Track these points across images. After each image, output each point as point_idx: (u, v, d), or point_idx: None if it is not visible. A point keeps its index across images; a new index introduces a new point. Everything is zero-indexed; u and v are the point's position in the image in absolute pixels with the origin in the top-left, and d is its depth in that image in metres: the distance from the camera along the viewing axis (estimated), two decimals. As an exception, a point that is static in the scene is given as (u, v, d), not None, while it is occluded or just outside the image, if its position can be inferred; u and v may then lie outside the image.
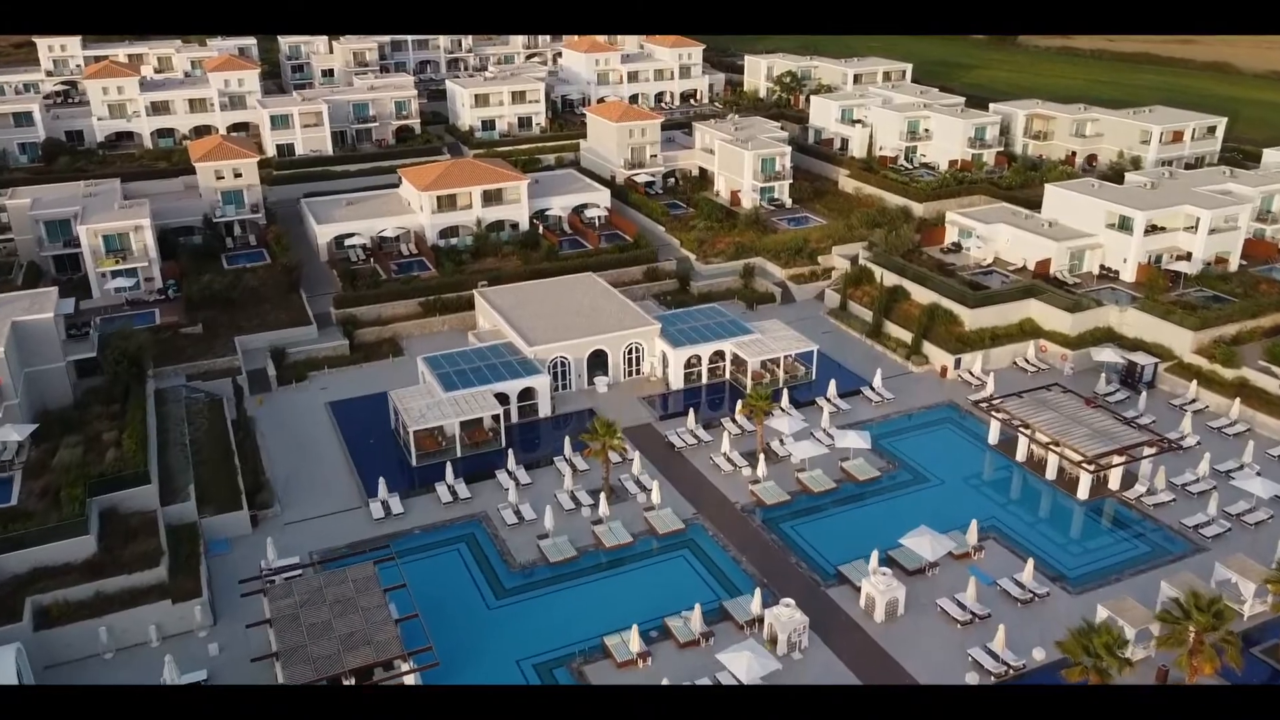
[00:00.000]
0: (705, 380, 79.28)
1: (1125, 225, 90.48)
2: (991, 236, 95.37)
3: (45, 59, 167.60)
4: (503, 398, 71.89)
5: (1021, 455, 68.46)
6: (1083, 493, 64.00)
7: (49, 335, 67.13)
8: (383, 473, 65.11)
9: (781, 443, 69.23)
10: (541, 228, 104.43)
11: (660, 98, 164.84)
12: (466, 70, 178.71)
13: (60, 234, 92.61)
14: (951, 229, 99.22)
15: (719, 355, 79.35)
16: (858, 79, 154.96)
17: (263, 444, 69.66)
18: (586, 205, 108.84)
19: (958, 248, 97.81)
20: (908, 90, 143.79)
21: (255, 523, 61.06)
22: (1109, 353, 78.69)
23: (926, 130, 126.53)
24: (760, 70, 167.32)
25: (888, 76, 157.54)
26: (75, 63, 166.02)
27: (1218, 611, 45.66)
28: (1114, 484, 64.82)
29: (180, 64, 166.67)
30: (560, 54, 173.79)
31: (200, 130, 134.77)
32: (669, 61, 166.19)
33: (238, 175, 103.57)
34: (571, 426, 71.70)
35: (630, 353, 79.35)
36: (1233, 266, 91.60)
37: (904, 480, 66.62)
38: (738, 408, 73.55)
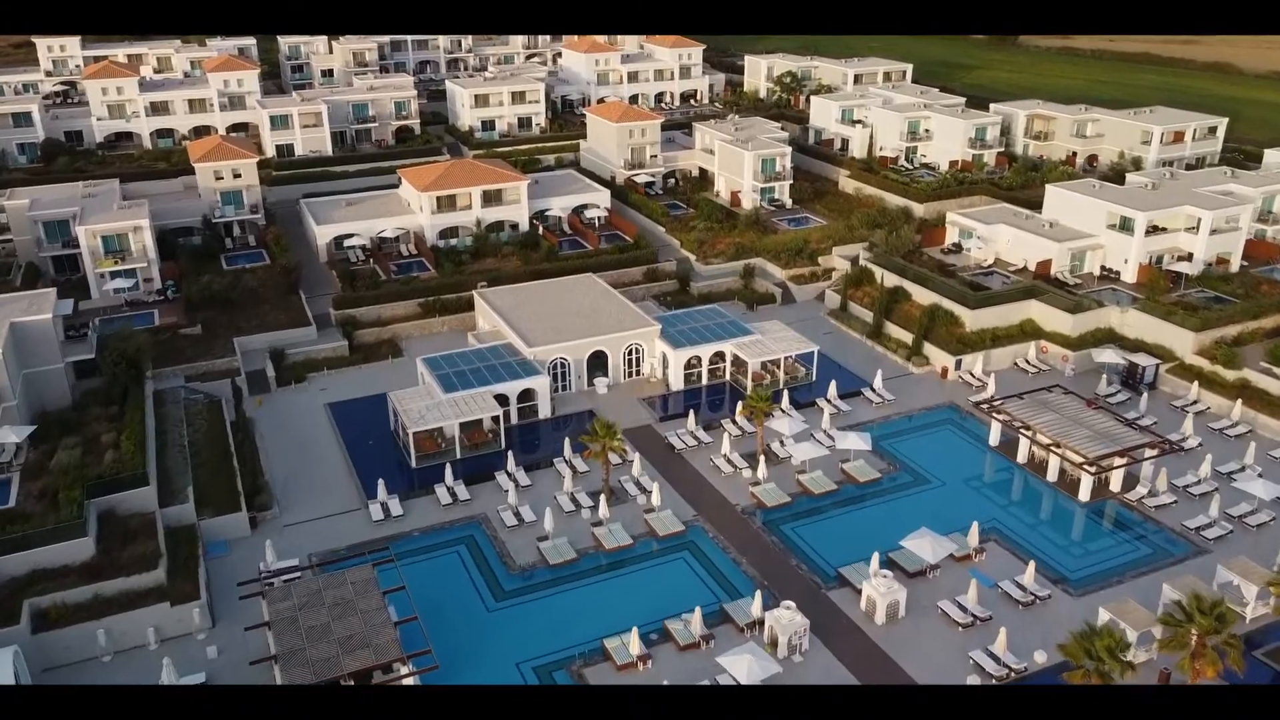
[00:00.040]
0: (705, 381, 79.13)
1: (1126, 226, 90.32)
2: (992, 237, 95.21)
3: (44, 59, 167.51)
4: (502, 399, 71.72)
5: (1022, 457, 68.30)
6: (1084, 494, 63.82)
7: (47, 336, 66.96)
8: (382, 474, 64.93)
9: (782, 444, 69.11)
10: (541, 228, 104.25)
11: (660, 98, 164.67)
12: (466, 70, 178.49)
13: (59, 234, 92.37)
14: (952, 230, 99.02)
15: (719, 356, 79.20)
16: (858, 79, 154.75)
17: (262, 445, 69.51)
18: (586, 206, 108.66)
19: (958, 248, 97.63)
20: (908, 90, 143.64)
21: (254, 524, 60.87)
22: (1110, 354, 78.48)
23: (927, 131, 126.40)
24: (760, 70, 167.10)
25: (888, 77, 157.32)
26: (74, 63, 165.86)
27: (1220, 614, 45.48)
28: (1115, 486, 64.62)
29: (179, 64, 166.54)
30: (560, 54, 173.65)
31: (199, 131, 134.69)
32: (669, 62, 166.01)
33: (237, 176, 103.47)
34: (571, 428, 71.55)
35: (630, 354, 79.19)
36: (1234, 267, 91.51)
37: (905, 482, 66.45)
38: (738, 409, 73.36)
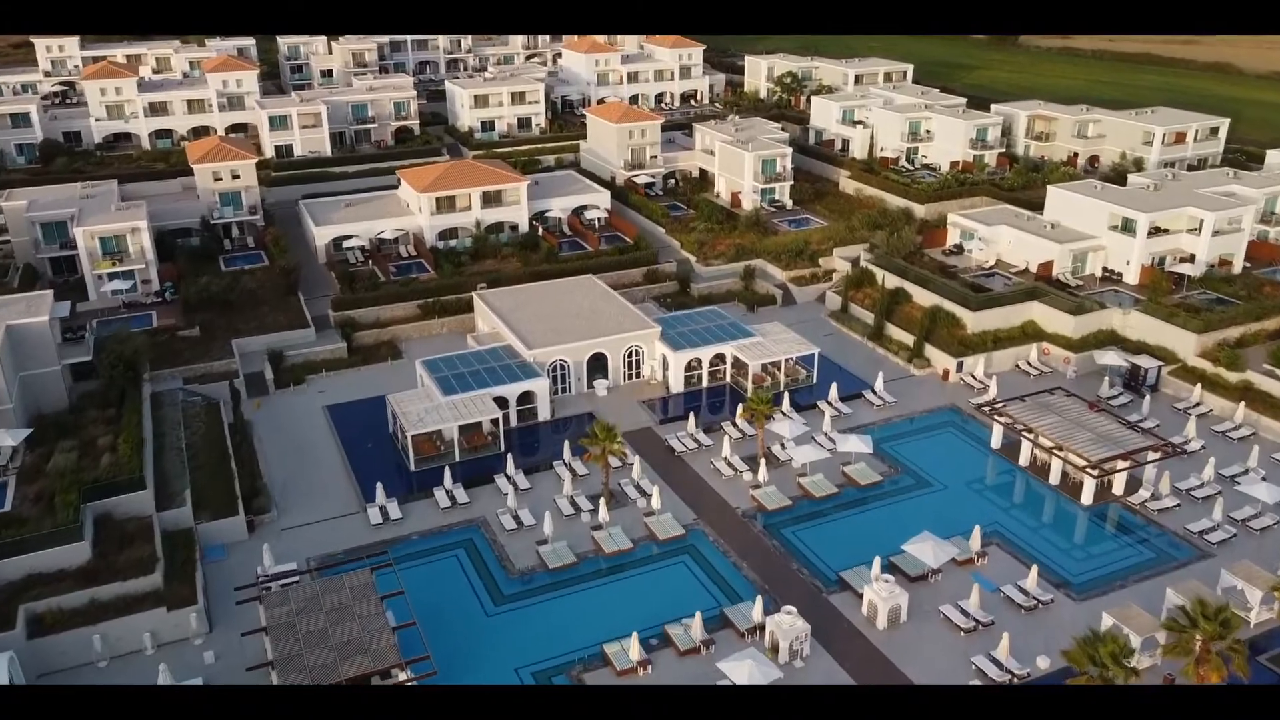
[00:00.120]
0: (706, 383, 78.75)
1: (1128, 227, 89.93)
2: (993, 238, 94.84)
3: (43, 59, 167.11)
4: (502, 401, 71.36)
5: (1024, 460, 67.92)
6: (1086, 498, 63.46)
7: (44, 339, 66.56)
8: (381, 477, 64.54)
9: (783, 447, 68.74)
10: (541, 229, 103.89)
11: (660, 98, 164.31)
12: (466, 71, 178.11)
13: (57, 236, 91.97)
14: (953, 231, 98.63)
15: (719, 358, 78.83)
16: (858, 80, 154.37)
17: (260, 448, 69.13)
18: (586, 207, 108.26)
19: (959, 250, 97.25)
20: (909, 91, 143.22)
21: (252, 528, 60.47)
22: (1112, 356, 78.07)
23: (928, 131, 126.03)
24: (761, 71, 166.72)
25: (889, 77, 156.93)
26: (73, 63, 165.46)
27: (1225, 620, 45.07)
28: (1118, 489, 64.29)
29: (178, 64, 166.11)
30: (560, 54, 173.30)
31: (198, 131, 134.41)
32: (669, 62, 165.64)
33: (236, 177, 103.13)
34: (571, 430, 71.18)
35: (630, 356, 78.83)
36: (1236, 269, 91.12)
37: (906, 485, 66.08)
38: (738, 411, 73.11)
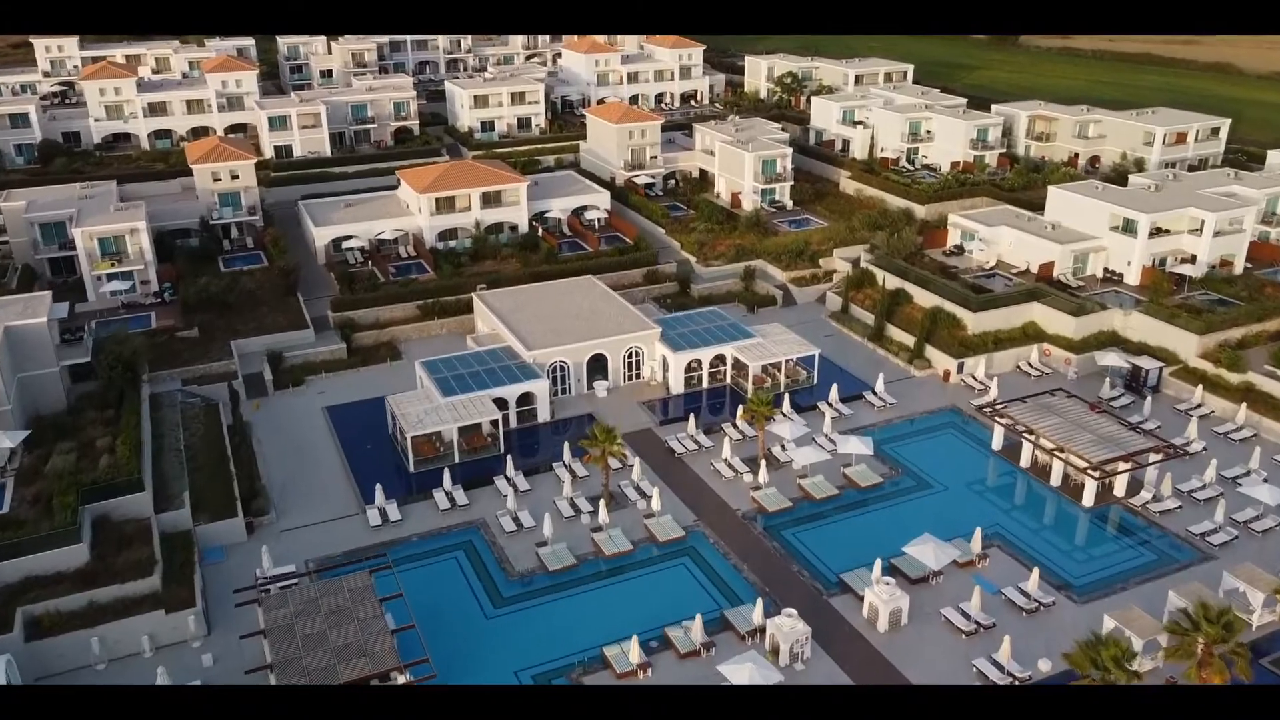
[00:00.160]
0: (706, 385, 78.56)
1: (1129, 228, 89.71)
2: (994, 239, 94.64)
3: (42, 59, 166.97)
4: (501, 403, 71.17)
5: (1025, 461, 67.72)
6: (1088, 499, 63.26)
7: (42, 340, 66.33)
8: (380, 479, 64.33)
9: (783, 448, 68.53)
10: (541, 230, 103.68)
11: (660, 99, 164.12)
12: (466, 71, 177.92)
13: (56, 236, 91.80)
14: (954, 231, 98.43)
15: (720, 359, 78.65)
16: (859, 80, 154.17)
17: (259, 449, 68.94)
18: (586, 207, 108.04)
19: (960, 250, 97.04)
20: (909, 91, 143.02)
21: (251, 530, 60.31)
22: (1113, 357, 77.84)
23: (928, 132, 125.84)
24: (761, 71, 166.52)
25: (889, 77, 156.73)
26: (72, 63, 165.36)
27: (1227, 623, 44.83)
28: (1119, 490, 64.11)
29: (178, 65, 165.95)
30: (560, 55, 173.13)
31: (198, 131, 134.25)
32: (669, 62, 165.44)
33: (235, 177, 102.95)
34: (571, 432, 71.03)
35: (630, 357, 78.64)
36: (1238, 269, 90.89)
37: (907, 486, 65.88)
38: (739, 413, 72.98)
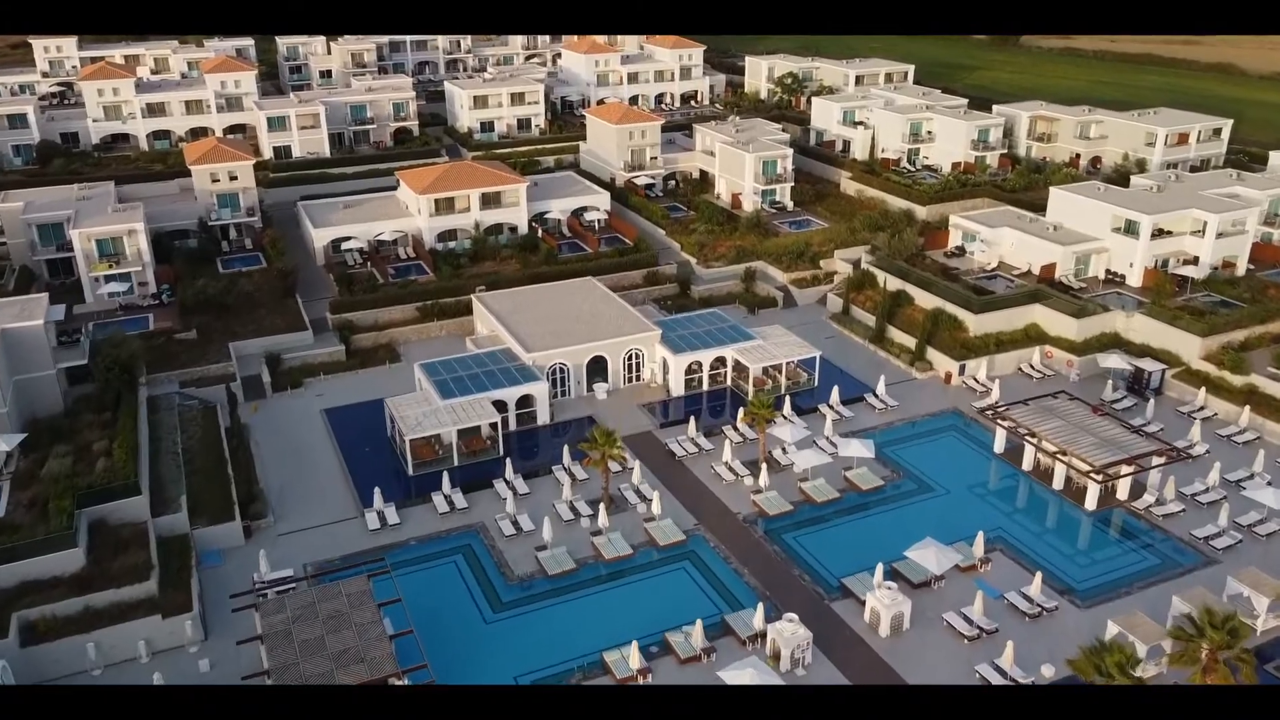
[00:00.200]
0: (706, 387, 78.20)
1: (1131, 229, 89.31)
2: (996, 240, 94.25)
3: (41, 60, 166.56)
4: (500, 405, 70.80)
5: (1028, 464, 67.34)
6: (1090, 503, 62.88)
7: (39, 342, 65.87)
8: (378, 482, 63.99)
9: (784, 451, 68.12)
10: (540, 231, 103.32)
11: (660, 99, 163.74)
12: (465, 71, 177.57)
13: (53, 238, 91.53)
14: (955, 233, 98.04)
15: (720, 361, 78.30)
16: (859, 80, 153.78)
17: (257, 452, 68.57)
18: (586, 208, 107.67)
19: (961, 251, 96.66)
20: (910, 92, 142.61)
21: (248, 534, 59.96)
22: (1115, 359, 77.43)
23: (929, 132, 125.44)
24: (761, 71, 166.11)
25: (890, 78, 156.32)
26: (71, 64, 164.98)
27: (1232, 629, 44.33)
28: (1122, 494, 63.74)
29: (177, 65, 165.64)
30: (560, 55, 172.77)
31: (196, 132, 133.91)
32: (669, 63, 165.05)
33: (233, 178, 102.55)
34: (570, 435, 70.67)
35: (630, 359, 78.27)
36: (1240, 271, 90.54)
37: (908, 490, 65.51)
38: (739, 415, 72.62)
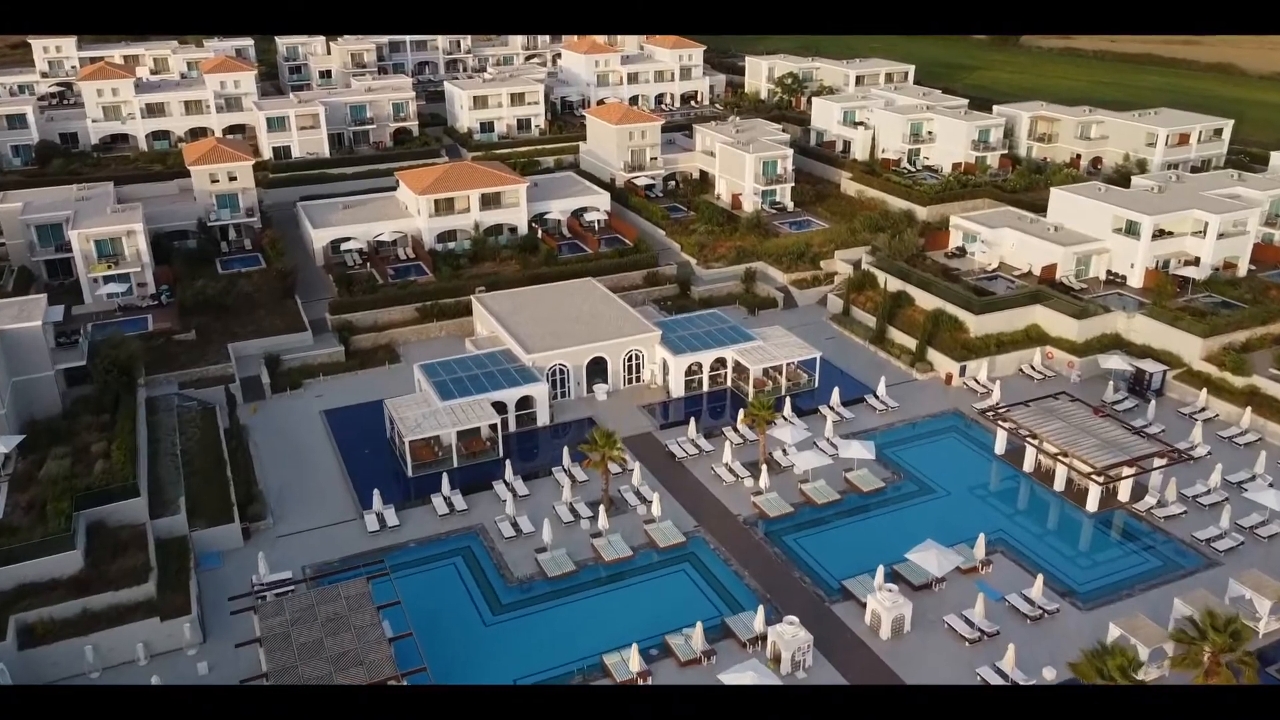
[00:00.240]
0: (706, 388, 78.02)
1: (1132, 230, 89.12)
2: (996, 241, 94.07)
3: (40, 60, 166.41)
4: (500, 406, 70.61)
5: (1029, 466, 67.15)
6: (1092, 505, 62.70)
7: (37, 343, 65.73)
8: (378, 484, 63.78)
9: (784, 452, 67.90)
10: (540, 231, 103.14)
11: (660, 99, 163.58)
12: (465, 71, 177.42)
13: (52, 238, 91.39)
14: (956, 233, 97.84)
15: (720, 362, 78.12)
16: (859, 80, 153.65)
17: (256, 454, 68.38)
18: (586, 209, 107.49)
19: (962, 252, 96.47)
20: (910, 92, 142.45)
21: (247, 535, 59.77)
22: (1117, 360, 77.26)
23: (929, 133, 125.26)
24: (761, 72, 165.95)
25: (890, 78, 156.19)
26: (70, 64, 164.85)
27: (1234, 631, 44.22)
28: (1124, 495, 63.54)
29: (176, 65, 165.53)
30: (560, 55, 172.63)
31: (196, 132, 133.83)
32: (669, 63, 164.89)
33: (233, 178, 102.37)
34: (570, 436, 70.49)
35: (630, 360, 78.09)
36: (1241, 271, 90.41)
37: (909, 491, 65.32)
38: (740, 416, 72.44)
